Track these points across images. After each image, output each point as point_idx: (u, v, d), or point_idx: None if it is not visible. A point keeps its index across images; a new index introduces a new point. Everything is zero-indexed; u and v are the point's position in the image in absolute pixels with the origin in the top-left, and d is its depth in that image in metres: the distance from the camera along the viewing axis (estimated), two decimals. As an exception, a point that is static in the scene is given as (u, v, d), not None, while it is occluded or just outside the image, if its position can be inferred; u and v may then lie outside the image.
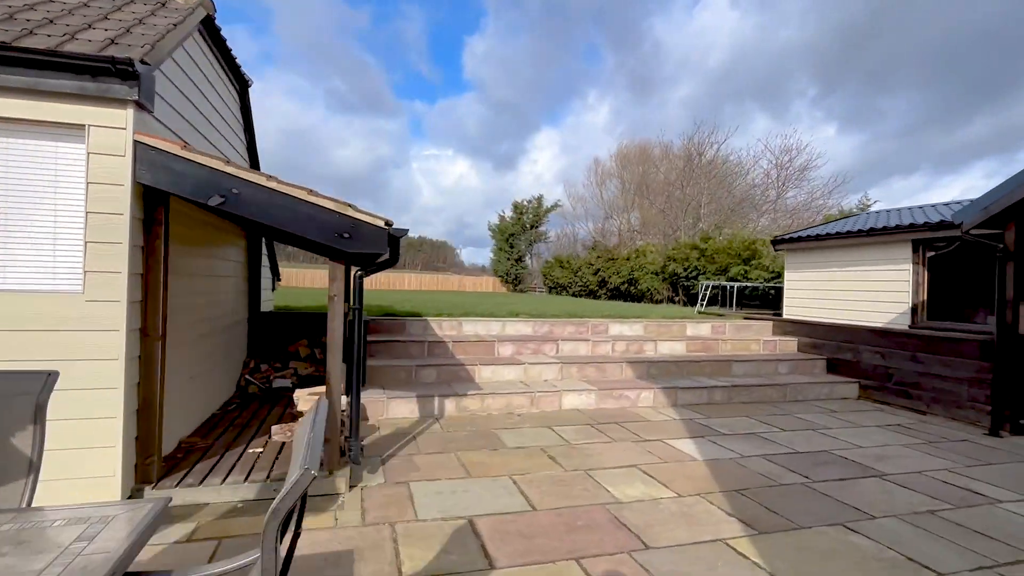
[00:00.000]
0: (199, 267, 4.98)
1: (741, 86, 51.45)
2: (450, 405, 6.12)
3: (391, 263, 4.03)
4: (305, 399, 4.88)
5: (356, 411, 3.88)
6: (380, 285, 45.50)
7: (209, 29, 4.78)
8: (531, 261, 48.46)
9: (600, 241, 36.42)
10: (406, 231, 3.81)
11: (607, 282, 27.74)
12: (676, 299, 21.53)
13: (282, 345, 7.26)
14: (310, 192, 3.57)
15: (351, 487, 3.89)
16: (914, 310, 8.52)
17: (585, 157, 71.65)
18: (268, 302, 9.04)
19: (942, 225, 7.49)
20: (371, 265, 3.98)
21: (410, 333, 7.81)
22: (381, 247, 3.68)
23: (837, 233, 9.76)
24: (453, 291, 34.85)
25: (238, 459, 4.07)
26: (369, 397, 5.88)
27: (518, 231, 48.10)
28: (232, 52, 5.55)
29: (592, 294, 29.44)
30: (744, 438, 5.53)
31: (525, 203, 48.58)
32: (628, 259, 26.13)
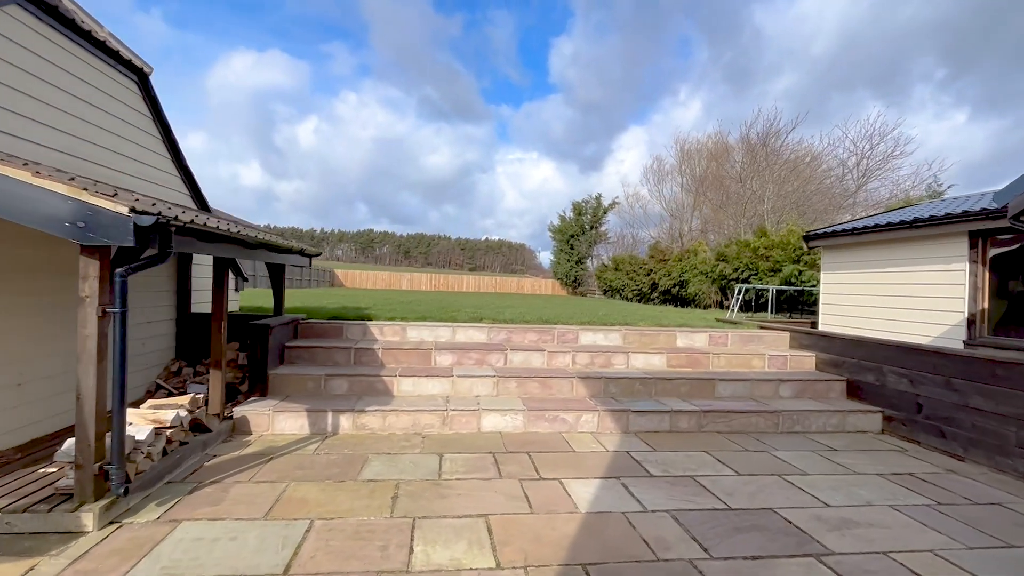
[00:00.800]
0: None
1: (851, 73, 46.11)
2: (346, 422, 5.42)
3: (159, 259, 3.38)
4: (142, 415, 4.33)
5: (118, 433, 3.27)
6: (440, 286, 46.00)
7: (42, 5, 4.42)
8: (592, 263, 46.90)
9: (660, 241, 34.31)
10: (156, 218, 3.11)
11: (658, 285, 25.91)
12: (725, 303, 19.45)
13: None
14: (35, 173, 3.00)
15: (109, 523, 3.28)
16: (970, 322, 6.69)
17: (672, 155, 68.71)
18: (233, 302, 8.85)
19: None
20: (135, 261, 3.34)
21: (347, 338, 7.21)
22: (124, 238, 3.04)
23: (876, 226, 8.01)
24: (492, 293, 34.26)
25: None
26: (253, 409, 5.32)
27: (577, 232, 46.68)
28: (103, 37, 5.22)
29: (644, 298, 27.68)
30: (674, 483, 4.33)
31: (583, 203, 47.12)
32: (679, 260, 24.17)
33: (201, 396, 4.82)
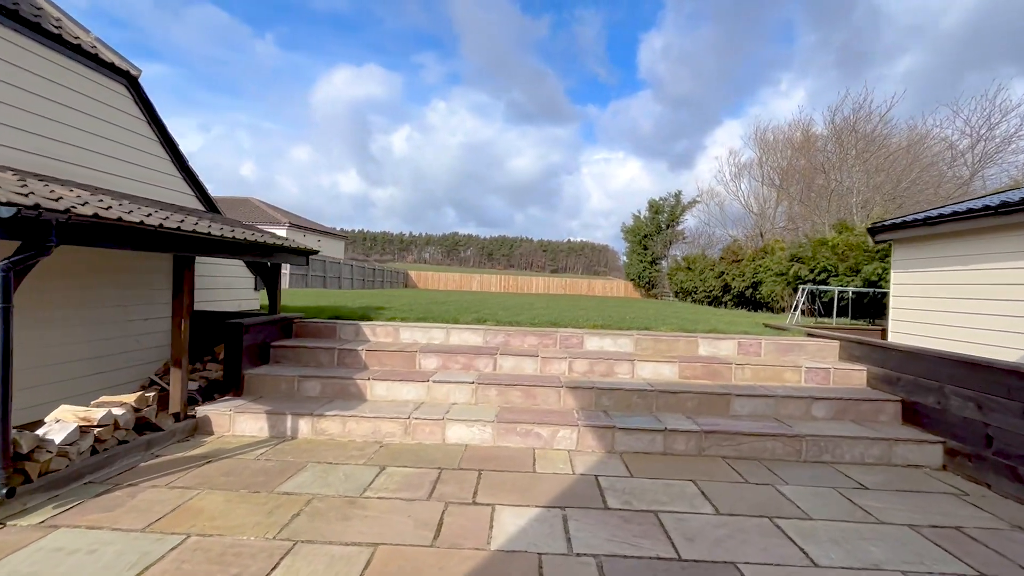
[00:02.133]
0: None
1: (990, 48, 39.80)
2: (305, 426, 5.19)
3: (38, 254, 3.26)
4: (74, 412, 4.30)
5: (3, 433, 3.20)
6: (509, 287, 45.95)
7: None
8: (667, 265, 44.69)
9: (737, 240, 31.80)
10: (18, 211, 2.98)
11: (731, 287, 23.94)
12: (804, 308, 17.42)
13: (212, 346, 7.04)
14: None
15: (-9, 525, 3.21)
16: None
17: (752, 146, 64.16)
18: (250, 300, 9.07)
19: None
20: (15, 256, 3.25)
21: (339, 338, 7.05)
22: (-10, 232, 2.94)
23: (954, 214, 6.61)
24: (550, 295, 33.45)
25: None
26: (216, 409, 5.24)
27: (652, 231, 44.71)
28: (90, 41, 5.39)
29: (716, 301, 25.73)
30: (628, 519, 3.62)
31: (660, 200, 45.02)
32: (753, 260, 22.15)
33: (152, 395, 4.80)
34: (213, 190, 7.80)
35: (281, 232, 27.74)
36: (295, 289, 22.23)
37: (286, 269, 22.68)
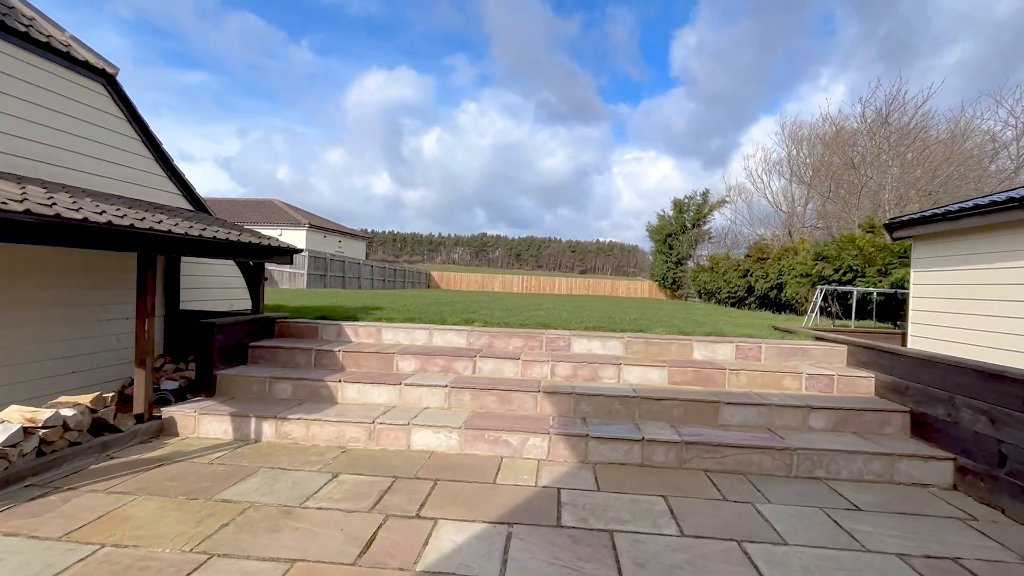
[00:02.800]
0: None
1: None
2: (269, 429, 5.05)
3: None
4: (21, 412, 4.25)
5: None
6: (531, 288, 45.63)
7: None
8: (692, 264, 43.60)
9: (765, 238, 30.69)
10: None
11: (754, 288, 23.10)
12: (830, 309, 16.56)
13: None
14: None
15: (-86, 528, 3.13)
16: None
17: (779, 142, 62.29)
18: (246, 300, 9.04)
19: None
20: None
21: (321, 339, 6.92)
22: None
23: (975, 207, 6.06)
24: (568, 296, 32.96)
25: None
26: (181, 410, 5.15)
27: (677, 231, 43.73)
28: (65, 40, 5.37)
29: (739, 302, 24.89)
30: (578, 539, 3.32)
31: (686, 199, 43.97)
32: (779, 259, 21.28)
33: (111, 395, 4.72)
34: (248, 192, 7.90)
35: (301, 233, 28.20)
36: (313, 289, 22.46)
37: (303, 270, 22.96)
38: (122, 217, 4.45)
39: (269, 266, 23.22)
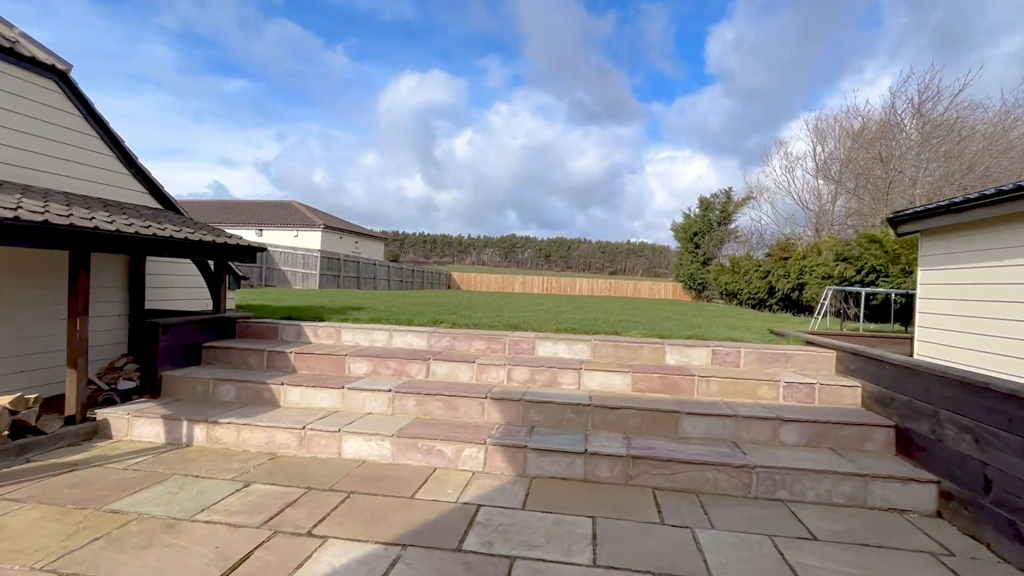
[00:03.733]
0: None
1: None
2: (200, 433, 4.86)
3: None
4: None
5: None
6: (551, 289, 45.13)
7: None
8: (716, 264, 42.30)
9: (790, 237, 29.40)
10: None
11: (776, 289, 22.10)
12: (849, 311, 15.57)
13: (160, 346, 6.90)
14: None
15: None
16: None
17: (805, 136, 59.81)
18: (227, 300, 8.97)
19: None
20: None
21: (281, 339, 6.74)
22: None
23: (980, 197, 5.44)
24: (579, 296, 32.27)
25: None
26: (115, 412, 5.02)
27: (703, 229, 42.50)
28: (12, 38, 5.32)
29: (761, 304, 23.89)
30: (474, 566, 2.97)
31: (712, 197, 42.68)
32: (802, 258, 20.28)
33: (33, 396, 4.60)
34: (287, 196, 7.77)
35: (316, 234, 28.49)
36: (324, 289, 22.61)
37: (315, 270, 23.14)
38: (42, 213, 4.32)
39: (284, 268, 23.51)
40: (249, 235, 26.25)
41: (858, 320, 12.32)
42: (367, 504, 3.75)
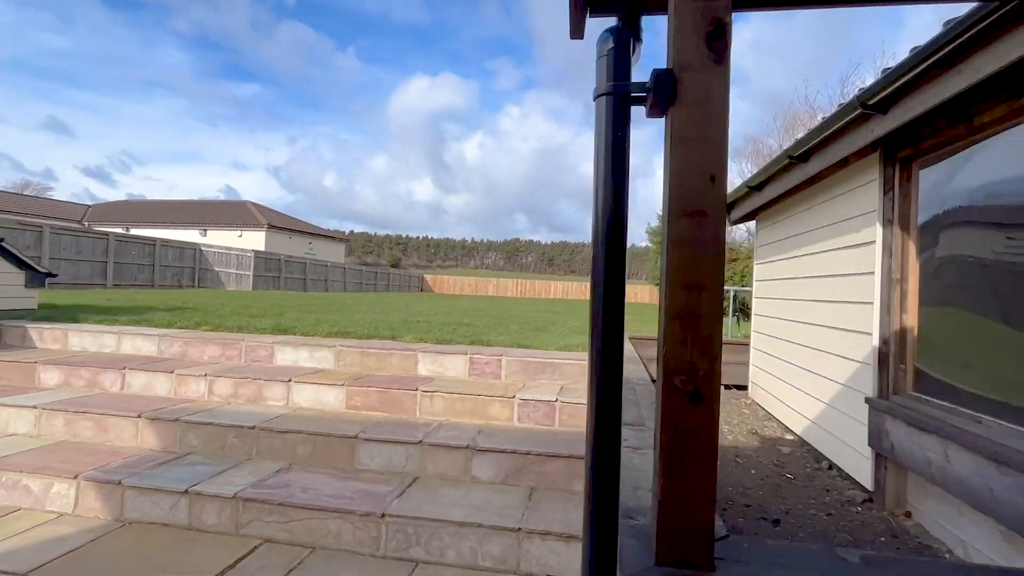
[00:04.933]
0: None
1: None
2: None
3: None
4: None
5: None
6: (526, 293, 44.13)
7: None
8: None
9: (734, 241, 28.31)
10: None
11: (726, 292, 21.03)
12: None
13: None
14: None
15: None
16: (882, 358, 3.05)
17: (776, 130, 58.20)
18: (23, 299, 8.07)
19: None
20: None
21: (6, 343, 5.81)
22: None
23: (767, 167, 4.48)
24: (537, 300, 31.26)
25: None
26: None
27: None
28: None
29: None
30: None
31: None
32: (748, 258, 19.25)
33: None
34: (296, 200, 6.83)
35: (260, 234, 27.61)
36: (254, 291, 21.73)
37: (249, 271, 22.25)
38: None
39: (218, 268, 22.66)
40: (191, 235, 25.50)
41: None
42: None
